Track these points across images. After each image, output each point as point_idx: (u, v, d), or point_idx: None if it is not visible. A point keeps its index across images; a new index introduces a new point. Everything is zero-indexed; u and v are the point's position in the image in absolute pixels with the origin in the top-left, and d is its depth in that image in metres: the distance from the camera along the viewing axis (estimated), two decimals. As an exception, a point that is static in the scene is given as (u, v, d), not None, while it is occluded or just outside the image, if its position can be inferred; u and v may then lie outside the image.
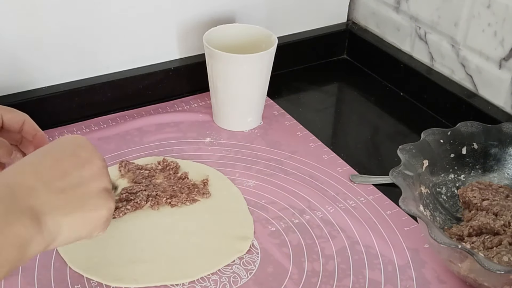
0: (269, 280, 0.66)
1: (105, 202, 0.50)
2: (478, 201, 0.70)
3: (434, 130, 0.74)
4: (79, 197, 0.48)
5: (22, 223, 0.43)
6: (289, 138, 0.88)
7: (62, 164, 0.49)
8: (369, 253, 0.69)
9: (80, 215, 0.48)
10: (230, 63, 0.83)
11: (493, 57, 0.85)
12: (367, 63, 1.07)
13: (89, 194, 0.49)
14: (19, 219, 0.43)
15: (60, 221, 0.46)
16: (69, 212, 0.47)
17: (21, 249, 0.43)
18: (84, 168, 0.49)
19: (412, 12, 0.97)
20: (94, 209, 0.49)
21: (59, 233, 0.46)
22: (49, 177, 0.47)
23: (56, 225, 0.46)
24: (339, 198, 0.77)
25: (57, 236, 0.46)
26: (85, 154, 0.50)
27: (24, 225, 0.43)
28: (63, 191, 0.47)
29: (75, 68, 0.89)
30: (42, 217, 0.45)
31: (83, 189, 0.49)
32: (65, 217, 0.47)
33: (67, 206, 0.47)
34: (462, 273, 0.62)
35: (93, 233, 0.50)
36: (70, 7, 0.83)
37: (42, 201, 0.45)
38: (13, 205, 0.44)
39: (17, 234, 0.43)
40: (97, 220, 0.50)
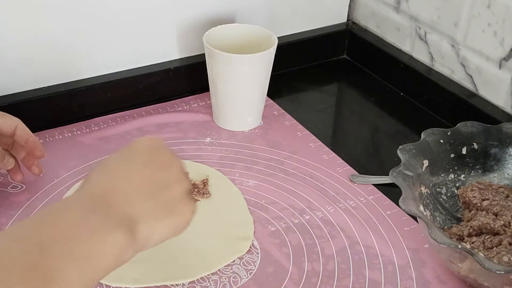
0: (269, 280, 0.66)
1: (190, 205, 0.50)
2: (478, 201, 0.70)
3: (434, 130, 0.74)
4: (166, 203, 0.48)
5: (121, 231, 0.43)
6: (289, 138, 0.88)
7: (146, 167, 0.48)
8: (369, 253, 0.69)
9: (170, 221, 0.48)
10: (230, 63, 0.83)
11: (493, 57, 0.85)
12: (367, 63, 1.07)
13: (175, 198, 0.49)
14: (118, 227, 0.43)
15: (153, 229, 0.46)
16: (160, 218, 0.47)
17: (118, 256, 0.43)
18: (166, 172, 0.49)
19: (412, 12, 0.97)
20: (181, 214, 0.49)
21: (150, 239, 0.47)
22: (138, 183, 0.47)
23: (148, 232, 0.46)
24: (339, 198, 0.77)
25: (148, 242, 0.47)
26: (164, 157, 0.50)
27: (123, 233, 0.43)
28: (152, 196, 0.47)
29: (74, 68, 0.89)
30: (138, 225, 0.45)
31: (169, 194, 0.48)
32: (157, 224, 0.47)
33: (157, 212, 0.47)
34: (462, 273, 0.62)
35: (176, 235, 0.50)
36: (70, 7, 0.83)
37: (136, 208, 0.46)
38: (112, 213, 0.44)
39: (116, 241, 0.43)
40: (184, 223, 0.50)
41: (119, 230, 0.43)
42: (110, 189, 0.46)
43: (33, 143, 0.74)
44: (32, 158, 0.75)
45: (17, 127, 0.72)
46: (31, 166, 0.75)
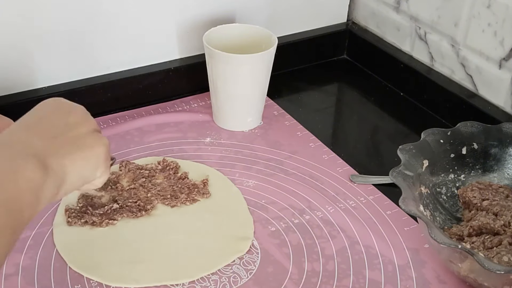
0: (269, 280, 0.66)
1: (98, 139, 0.53)
2: (478, 201, 0.70)
3: (434, 130, 0.74)
4: (72, 141, 0.51)
5: (29, 168, 0.45)
6: (289, 138, 0.88)
7: (48, 118, 0.51)
8: (369, 253, 0.69)
9: (78, 154, 0.50)
10: (230, 63, 0.83)
11: (493, 57, 0.85)
12: (367, 63, 1.07)
13: (80, 136, 0.52)
14: (25, 165, 0.45)
15: (62, 162, 0.48)
16: (68, 153, 0.50)
17: (36, 193, 0.45)
18: (69, 117, 0.52)
19: (412, 12, 0.97)
20: (90, 147, 0.52)
21: (65, 173, 0.49)
22: (39, 130, 0.50)
23: (60, 165, 0.48)
24: (339, 198, 0.77)
25: (64, 178, 0.49)
26: (66, 106, 0.54)
27: (31, 170, 0.45)
28: (55, 137, 0.50)
29: (75, 68, 0.89)
30: (45, 160, 0.47)
31: (73, 133, 0.51)
32: (66, 157, 0.49)
33: (63, 148, 0.50)
34: (462, 273, 0.62)
35: (96, 172, 0.53)
36: (70, 7, 0.83)
37: (40, 147, 0.48)
38: (14, 155, 0.45)
39: (28, 178, 0.45)
40: (97, 157, 0.52)
41: (26, 166, 0.45)
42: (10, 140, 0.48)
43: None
44: None
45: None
46: None
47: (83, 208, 0.72)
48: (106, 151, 0.53)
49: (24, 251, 0.67)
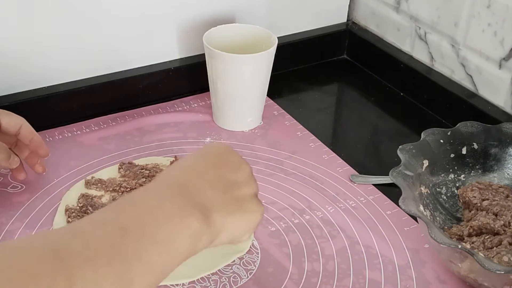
0: (269, 280, 0.66)
1: (258, 206, 0.52)
2: (478, 201, 0.70)
3: (434, 130, 0.74)
4: (237, 200, 0.50)
5: (196, 217, 0.45)
6: (289, 138, 0.88)
7: (219, 168, 0.51)
8: (369, 253, 0.69)
9: (239, 216, 0.50)
10: (230, 63, 0.83)
11: (493, 57, 0.85)
12: (367, 63, 1.07)
13: (244, 197, 0.51)
14: (192, 213, 0.45)
15: (224, 219, 0.48)
16: (231, 212, 0.49)
17: (194, 241, 0.45)
18: (237, 173, 0.51)
19: (412, 12, 0.97)
20: (249, 212, 0.51)
21: (222, 230, 0.48)
22: (211, 179, 0.49)
23: (221, 223, 0.48)
24: (339, 198, 0.77)
25: (219, 234, 0.48)
26: (235, 160, 0.52)
27: (197, 219, 0.45)
28: (224, 192, 0.49)
29: (75, 68, 0.89)
30: (210, 213, 0.47)
31: (239, 192, 0.50)
32: (228, 215, 0.48)
33: (229, 205, 0.49)
34: (462, 273, 0.62)
35: (244, 236, 0.52)
36: (70, 7, 0.83)
37: (209, 198, 0.48)
38: (186, 201, 0.46)
39: (191, 226, 0.45)
40: (252, 222, 0.51)
41: (193, 215, 0.45)
42: (184, 182, 0.48)
43: (38, 142, 0.74)
44: (36, 157, 0.76)
45: (22, 126, 0.73)
46: (34, 164, 0.76)
47: (83, 208, 0.72)
48: (261, 220, 0.52)
49: (24, 251, 0.67)
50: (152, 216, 0.44)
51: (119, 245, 0.41)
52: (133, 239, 0.42)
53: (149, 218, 0.43)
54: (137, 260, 0.41)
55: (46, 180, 0.78)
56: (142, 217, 0.43)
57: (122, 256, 0.40)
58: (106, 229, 0.42)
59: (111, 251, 0.40)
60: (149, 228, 0.43)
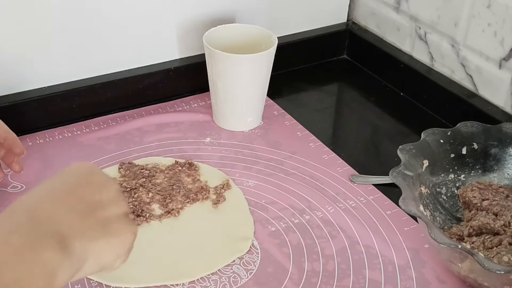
0: (269, 280, 0.66)
1: (127, 226, 0.47)
2: (478, 201, 0.70)
3: (434, 130, 0.74)
4: (101, 222, 0.45)
5: (50, 248, 0.40)
6: (289, 138, 0.88)
7: (78, 190, 0.45)
8: (369, 253, 0.69)
9: (105, 241, 0.45)
10: (230, 63, 0.83)
11: (493, 57, 0.85)
12: (367, 63, 1.07)
13: (109, 219, 0.46)
14: (46, 244, 0.40)
15: (87, 246, 0.43)
16: (94, 237, 0.44)
17: (50, 278, 0.39)
18: (101, 193, 0.46)
19: (412, 12, 0.97)
20: (117, 234, 0.46)
21: (86, 259, 0.43)
22: (69, 204, 0.44)
23: (83, 250, 0.42)
24: (339, 198, 0.77)
25: (83, 263, 0.43)
26: (98, 180, 0.47)
27: (52, 250, 0.40)
28: (84, 216, 0.44)
29: (75, 68, 0.89)
30: (69, 241, 0.41)
31: (103, 214, 0.45)
32: (91, 242, 0.43)
33: (90, 230, 0.44)
34: (462, 273, 0.62)
35: (116, 262, 0.47)
36: (71, 7, 0.83)
37: (67, 225, 0.42)
38: (37, 230, 0.40)
39: (46, 260, 0.39)
40: (122, 246, 0.46)
41: (47, 247, 0.40)
42: (36, 208, 0.42)
43: (12, 140, 0.73)
44: (12, 155, 0.75)
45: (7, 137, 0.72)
46: (11, 163, 0.75)
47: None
48: (133, 240, 0.47)
49: (24, 251, 0.67)
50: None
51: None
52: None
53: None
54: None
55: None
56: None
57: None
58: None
59: None
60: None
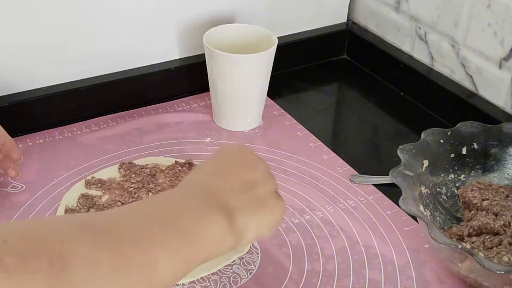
0: (269, 280, 0.66)
1: (278, 202, 0.51)
2: (478, 201, 0.70)
3: (434, 130, 0.74)
4: (258, 199, 0.50)
5: (221, 215, 0.46)
6: (289, 138, 0.88)
7: (236, 169, 0.51)
8: (369, 253, 0.69)
9: (262, 215, 0.49)
10: (230, 63, 0.83)
11: (493, 57, 0.85)
12: (367, 63, 1.07)
13: (264, 195, 0.50)
14: (218, 212, 0.46)
15: (248, 220, 0.48)
16: (254, 212, 0.49)
17: (219, 238, 0.45)
18: (254, 172, 0.51)
19: (412, 12, 0.97)
20: (272, 210, 0.51)
21: (246, 231, 0.48)
22: (230, 179, 0.49)
23: (244, 223, 0.47)
24: (339, 198, 0.77)
25: (244, 235, 0.48)
26: (251, 159, 0.52)
27: (222, 217, 0.46)
28: (244, 192, 0.49)
29: (75, 68, 0.89)
30: (234, 214, 0.47)
31: (259, 191, 0.50)
32: (251, 216, 0.48)
33: (251, 206, 0.49)
34: (462, 273, 0.62)
35: (269, 232, 0.51)
36: (70, 7, 0.83)
37: (231, 199, 0.48)
38: (210, 200, 0.46)
39: (217, 222, 0.45)
40: (275, 220, 0.51)
41: (218, 213, 0.46)
42: (205, 183, 0.48)
43: (10, 146, 0.73)
44: (9, 160, 0.74)
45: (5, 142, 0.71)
46: (7, 169, 0.75)
47: (81, 210, 0.72)
48: (283, 214, 0.52)
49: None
50: (178, 210, 0.44)
51: (145, 229, 0.41)
52: (160, 225, 0.42)
53: (175, 211, 0.44)
54: (163, 244, 0.41)
55: (46, 180, 0.78)
56: (168, 211, 0.44)
57: (148, 238, 0.41)
58: (132, 215, 0.43)
59: (137, 232, 0.41)
60: (175, 218, 0.43)
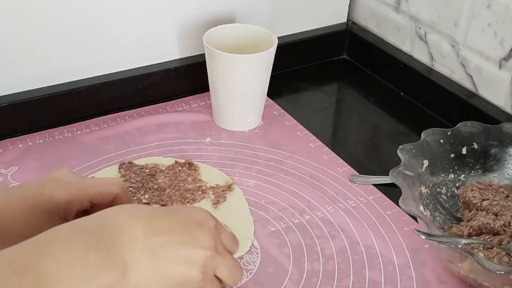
0: (269, 280, 0.66)
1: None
2: (478, 201, 0.70)
3: (434, 130, 0.74)
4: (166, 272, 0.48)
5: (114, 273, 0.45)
6: (289, 138, 0.88)
7: (173, 233, 0.48)
8: (369, 253, 0.69)
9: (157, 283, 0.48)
10: (230, 63, 0.83)
11: (493, 57, 0.85)
12: (367, 63, 1.07)
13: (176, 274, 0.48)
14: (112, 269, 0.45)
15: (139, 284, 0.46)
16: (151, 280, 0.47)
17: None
18: (186, 248, 0.48)
19: (412, 12, 0.97)
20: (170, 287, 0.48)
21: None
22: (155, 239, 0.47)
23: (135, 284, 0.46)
24: (339, 198, 0.77)
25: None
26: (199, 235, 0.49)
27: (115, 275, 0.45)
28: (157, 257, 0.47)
29: (75, 68, 0.89)
30: (130, 273, 0.46)
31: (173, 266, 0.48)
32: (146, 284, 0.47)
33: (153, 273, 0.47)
34: (462, 273, 0.62)
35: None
36: (70, 7, 0.83)
37: (136, 259, 0.46)
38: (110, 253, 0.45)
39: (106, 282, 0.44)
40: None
41: (112, 271, 0.45)
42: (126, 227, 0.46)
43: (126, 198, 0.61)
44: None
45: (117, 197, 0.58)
46: None
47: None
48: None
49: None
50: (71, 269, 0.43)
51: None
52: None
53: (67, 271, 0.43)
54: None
55: (46, 180, 0.78)
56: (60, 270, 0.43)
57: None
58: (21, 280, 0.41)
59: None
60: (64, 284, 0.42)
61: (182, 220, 0.50)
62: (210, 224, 0.51)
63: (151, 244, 0.47)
